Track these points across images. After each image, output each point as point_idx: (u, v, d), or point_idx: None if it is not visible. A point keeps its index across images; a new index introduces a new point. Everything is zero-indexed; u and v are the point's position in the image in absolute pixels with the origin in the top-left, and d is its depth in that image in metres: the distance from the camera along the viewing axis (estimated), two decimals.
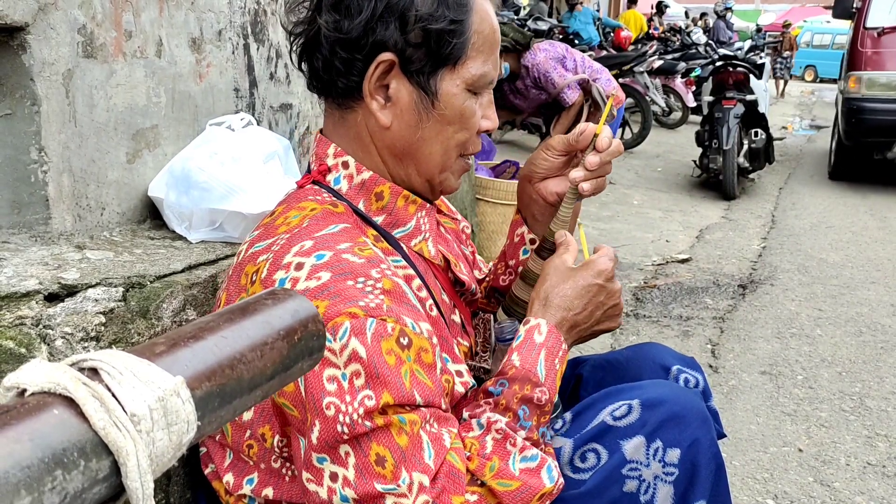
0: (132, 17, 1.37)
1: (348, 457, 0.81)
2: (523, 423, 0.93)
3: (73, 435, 0.34)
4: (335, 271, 0.84)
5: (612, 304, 1.03)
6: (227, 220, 1.37)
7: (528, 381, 0.94)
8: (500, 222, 3.45)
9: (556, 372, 0.97)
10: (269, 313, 0.48)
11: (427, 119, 0.94)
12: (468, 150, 1.00)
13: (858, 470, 2.15)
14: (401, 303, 0.86)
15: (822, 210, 5.77)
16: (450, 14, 0.90)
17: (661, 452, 0.94)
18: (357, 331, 0.81)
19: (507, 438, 0.91)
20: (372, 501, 0.81)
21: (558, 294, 1.00)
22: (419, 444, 0.83)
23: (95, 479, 0.35)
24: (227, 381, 0.43)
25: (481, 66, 0.95)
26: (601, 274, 1.02)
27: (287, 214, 0.93)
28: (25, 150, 1.20)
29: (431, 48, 0.91)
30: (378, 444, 0.81)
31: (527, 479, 0.89)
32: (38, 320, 0.96)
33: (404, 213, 0.99)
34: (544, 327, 0.98)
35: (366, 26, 0.90)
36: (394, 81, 0.93)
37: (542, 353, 0.96)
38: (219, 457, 0.96)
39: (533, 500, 0.89)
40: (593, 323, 1.03)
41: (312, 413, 0.81)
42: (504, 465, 0.89)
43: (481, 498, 0.87)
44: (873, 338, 3.16)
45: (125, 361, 0.38)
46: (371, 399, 0.81)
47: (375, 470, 0.81)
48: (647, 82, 8.36)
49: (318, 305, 0.81)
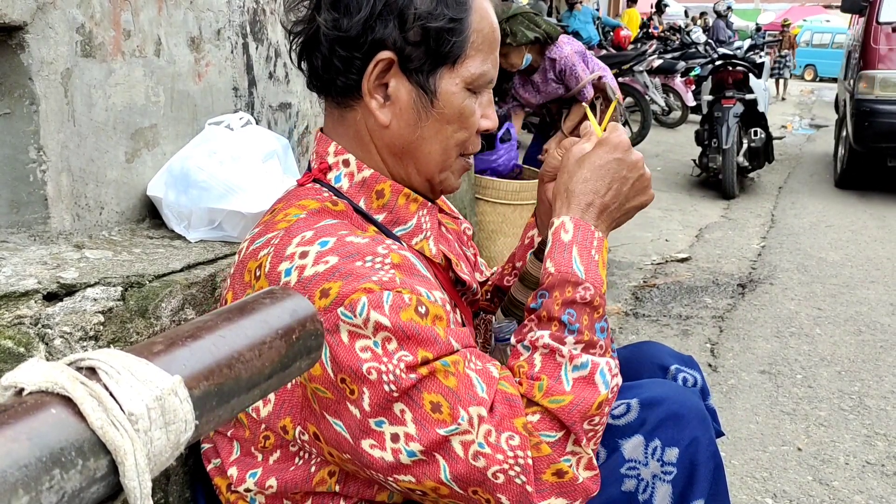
0: (131, 16, 1.37)
1: (404, 414, 0.81)
2: (571, 328, 0.89)
3: (70, 434, 0.34)
4: (342, 254, 0.84)
5: (636, 176, 0.98)
6: (226, 220, 1.37)
7: (566, 283, 0.91)
8: (499, 222, 3.45)
9: (596, 262, 0.93)
10: (268, 312, 0.48)
11: (426, 118, 0.94)
12: (468, 149, 1.00)
13: (857, 469, 2.16)
14: (411, 274, 0.86)
15: (822, 209, 5.77)
16: (449, 12, 0.90)
17: (660, 451, 0.94)
18: (375, 304, 0.80)
19: (555, 351, 0.89)
20: (438, 448, 0.81)
21: (578, 181, 0.97)
22: (468, 381, 0.83)
23: (93, 478, 0.35)
24: (225, 380, 0.43)
25: (480, 64, 0.95)
26: (617, 147, 0.98)
27: (287, 211, 0.93)
28: (24, 150, 1.20)
29: (430, 47, 0.91)
30: (429, 393, 0.81)
31: (580, 391, 0.87)
32: (36, 319, 0.96)
33: (405, 212, 0.99)
34: (569, 223, 0.95)
35: (365, 24, 0.89)
36: (393, 80, 0.93)
37: (573, 249, 0.93)
38: (226, 451, 0.96)
39: (590, 410, 0.86)
40: (623, 200, 0.98)
41: (358, 383, 0.81)
42: (553, 381, 0.87)
43: (543, 416, 0.86)
44: (872, 337, 3.16)
45: (123, 360, 0.38)
46: (408, 356, 0.81)
47: (434, 417, 0.81)
48: (647, 81, 8.37)
49: (332, 287, 0.81)
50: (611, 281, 3.86)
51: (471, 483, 0.83)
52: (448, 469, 0.82)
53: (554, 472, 0.85)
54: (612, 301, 3.57)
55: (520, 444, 0.83)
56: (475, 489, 0.83)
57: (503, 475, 0.82)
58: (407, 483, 0.84)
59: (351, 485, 0.92)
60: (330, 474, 0.92)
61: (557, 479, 0.85)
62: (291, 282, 0.84)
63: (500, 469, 0.82)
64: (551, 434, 0.85)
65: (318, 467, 0.92)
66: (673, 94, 9.41)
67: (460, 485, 0.83)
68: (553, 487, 0.85)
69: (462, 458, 0.82)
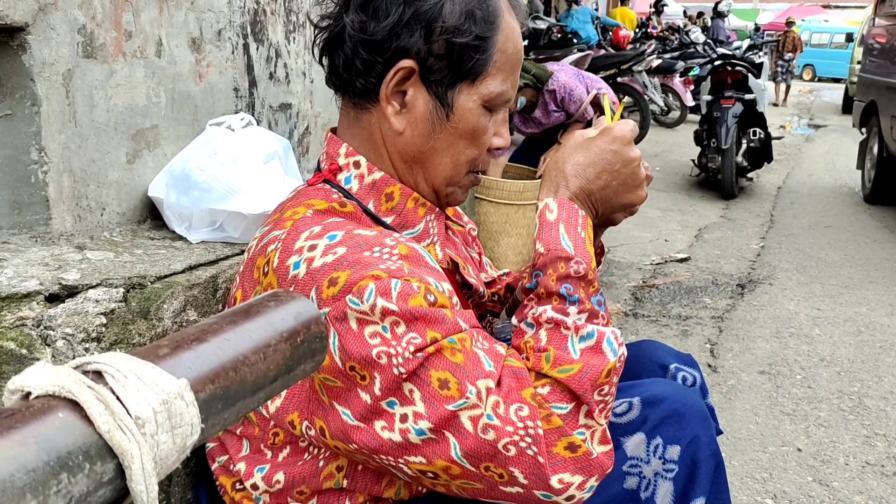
0: (132, 17, 1.37)
1: (413, 393, 0.81)
2: (571, 300, 0.89)
3: (77, 438, 0.34)
4: (350, 245, 0.84)
5: (629, 172, 0.97)
6: (228, 221, 1.37)
7: (558, 259, 0.91)
8: (503, 222, 3.45)
9: (583, 239, 0.93)
10: (272, 315, 0.48)
11: (440, 130, 0.95)
12: (478, 166, 1.00)
13: (857, 469, 2.16)
14: (419, 265, 0.86)
15: (821, 209, 5.77)
16: (476, 30, 0.90)
17: (662, 449, 0.94)
18: (382, 291, 0.80)
19: (559, 324, 0.89)
20: (447, 424, 0.81)
21: (571, 162, 0.97)
22: (476, 357, 0.83)
23: (100, 482, 0.35)
24: (230, 383, 0.43)
25: (500, 84, 0.95)
26: (616, 140, 0.97)
27: (296, 209, 0.93)
28: (25, 151, 1.20)
29: (453, 61, 0.91)
30: (437, 370, 0.81)
31: (588, 359, 0.86)
32: (38, 321, 0.96)
33: (413, 216, 1.00)
34: (553, 203, 0.95)
35: (391, 31, 0.90)
36: (411, 89, 0.93)
37: (560, 227, 0.93)
38: (234, 449, 0.96)
39: (600, 378, 0.86)
40: (610, 194, 0.97)
41: (369, 369, 0.81)
42: (560, 351, 0.87)
43: (553, 387, 0.85)
44: (872, 337, 3.16)
45: (129, 364, 0.38)
46: (417, 337, 0.81)
47: (442, 394, 0.81)
48: (646, 81, 8.37)
49: (340, 276, 0.81)
50: (610, 281, 3.86)
51: (482, 458, 0.82)
52: (458, 446, 0.81)
53: (566, 446, 0.84)
54: (612, 301, 3.57)
55: (529, 415, 0.82)
56: (487, 464, 0.82)
57: (514, 447, 0.81)
58: (418, 465, 0.83)
59: (359, 479, 0.92)
60: (338, 469, 0.92)
61: (571, 454, 0.84)
62: (300, 275, 0.84)
63: (511, 441, 0.81)
64: (562, 405, 0.85)
65: (326, 462, 0.92)
66: (672, 93, 9.42)
67: (471, 461, 0.82)
68: (567, 462, 0.84)
69: (471, 432, 0.81)
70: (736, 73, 6.27)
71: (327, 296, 0.82)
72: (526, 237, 3.36)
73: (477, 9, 0.91)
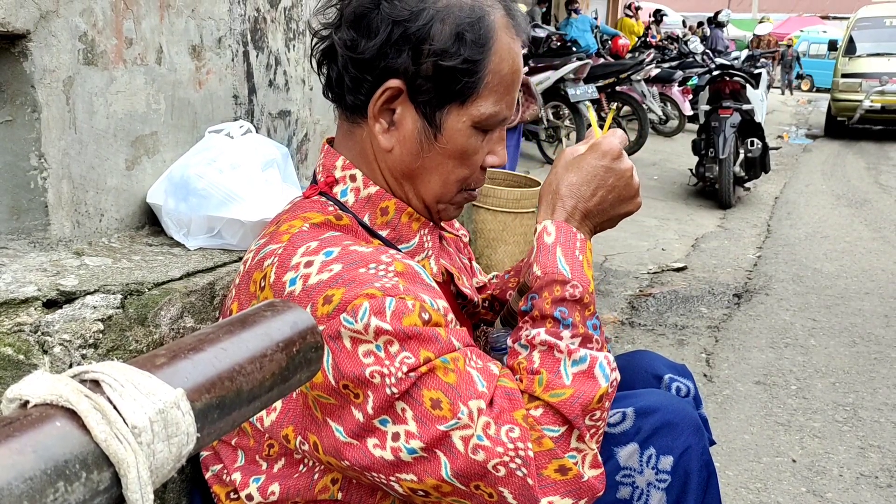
0: (133, 24, 1.38)
1: (405, 412, 0.81)
2: (565, 324, 0.90)
3: (75, 447, 0.35)
4: (346, 262, 0.85)
5: (623, 185, 0.98)
6: (226, 228, 1.37)
7: (554, 282, 0.91)
8: (500, 230, 3.46)
9: (581, 262, 0.94)
10: (269, 325, 0.49)
11: (428, 150, 0.94)
12: (471, 185, 1.00)
13: (851, 481, 2.16)
14: (415, 282, 0.86)
15: (818, 220, 5.79)
16: (465, 53, 0.90)
17: (655, 459, 0.95)
18: (376, 310, 0.81)
19: (553, 347, 0.89)
20: (438, 444, 0.81)
21: (565, 184, 0.97)
22: (469, 377, 0.83)
23: (96, 490, 0.35)
24: (226, 392, 0.44)
25: (492, 105, 0.94)
26: (606, 155, 0.97)
27: (292, 223, 0.94)
28: (25, 157, 1.20)
29: (441, 83, 0.91)
30: (429, 390, 0.81)
31: (580, 385, 0.87)
32: (36, 327, 0.97)
33: (408, 230, 1.00)
34: (551, 226, 0.96)
35: (379, 50, 0.90)
36: (400, 107, 0.93)
37: (557, 250, 0.94)
38: (229, 459, 0.96)
39: (591, 403, 0.86)
40: (607, 207, 0.98)
41: (362, 388, 0.81)
42: (552, 375, 0.87)
43: (546, 410, 0.86)
44: (867, 348, 3.17)
45: (126, 373, 0.39)
46: (410, 358, 0.81)
47: (434, 414, 0.81)
48: (644, 90, 8.40)
49: (335, 294, 0.82)
50: (606, 289, 3.87)
51: (472, 478, 0.82)
52: (449, 465, 0.82)
53: (557, 469, 0.84)
54: (608, 310, 3.58)
55: (520, 436, 0.83)
56: (477, 483, 0.83)
57: (504, 468, 0.82)
58: (409, 482, 0.84)
59: (353, 492, 0.93)
60: (333, 482, 0.92)
61: (561, 476, 0.84)
62: (296, 291, 0.84)
63: (501, 461, 0.82)
64: (554, 428, 0.85)
65: (321, 474, 0.92)
66: (670, 103, 9.44)
67: (461, 480, 0.82)
68: (557, 484, 0.84)
69: (462, 452, 0.81)
70: (734, 84, 6.30)
71: (322, 314, 0.82)
72: (523, 244, 3.37)
73: (467, 31, 0.90)
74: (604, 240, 4.79)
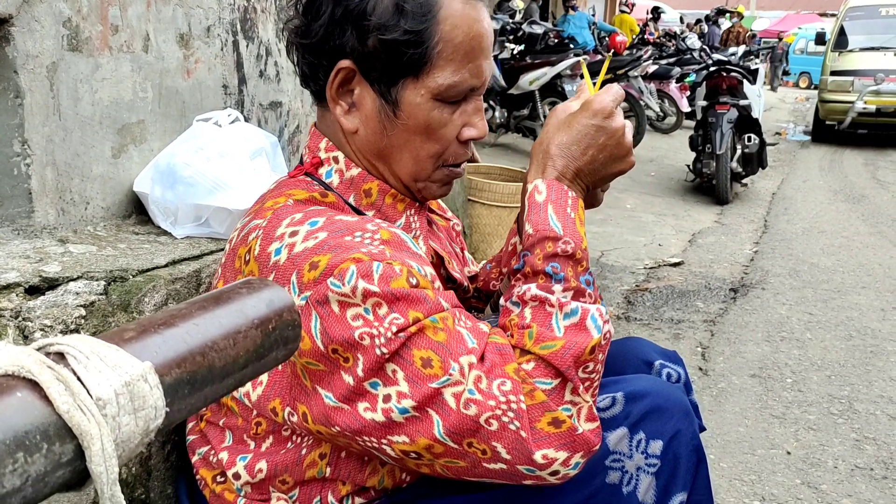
0: (119, 11, 1.36)
1: (396, 373, 0.81)
2: (557, 278, 0.89)
3: (36, 418, 0.34)
4: (331, 230, 0.84)
5: (614, 144, 0.96)
6: (213, 216, 1.36)
7: (545, 239, 0.90)
8: (495, 224, 3.46)
9: (573, 220, 0.93)
10: (243, 302, 0.48)
11: (391, 128, 0.93)
12: (448, 160, 0.97)
13: (846, 472, 2.15)
14: (401, 249, 0.85)
15: (815, 215, 5.79)
16: (405, 24, 0.87)
17: (644, 444, 0.94)
18: (363, 273, 0.80)
19: (544, 301, 0.88)
20: (430, 402, 0.80)
21: (555, 143, 0.95)
22: (458, 335, 0.83)
23: (59, 462, 0.34)
24: (197, 368, 0.43)
25: (451, 75, 0.91)
26: (597, 114, 0.95)
27: (276, 200, 0.93)
28: (8, 143, 1.19)
29: (388, 58, 0.89)
30: (419, 349, 0.81)
31: (571, 336, 0.86)
32: (17, 312, 0.96)
33: (393, 211, 0.99)
34: (542, 185, 0.94)
35: (326, 32, 0.89)
36: (358, 88, 0.92)
37: (548, 208, 0.92)
38: (217, 440, 0.96)
39: (584, 354, 0.85)
40: (598, 166, 0.96)
41: (352, 350, 0.81)
42: (543, 328, 0.86)
43: (537, 363, 0.85)
44: (863, 342, 3.17)
45: (92, 346, 0.38)
46: (399, 319, 0.80)
47: (425, 373, 0.80)
48: (642, 87, 8.40)
49: (321, 259, 0.81)
50: (603, 284, 3.86)
51: (464, 434, 0.81)
52: (441, 423, 0.81)
53: (550, 421, 0.83)
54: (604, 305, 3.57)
55: (512, 389, 0.82)
56: (469, 440, 0.82)
57: (496, 421, 0.81)
58: (401, 444, 0.82)
59: (342, 468, 0.92)
60: (321, 456, 0.91)
61: (555, 429, 0.83)
62: (281, 260, 0.84)
63: (493, 415, 0.81)
64: (546, 381, 0.84)
65: (309, 449, 0.91)
66: (668, 99, 9.44)
67: (454, 438, 0.81)
68: (550, 437, 0.83)
69: (454, 409, 0.80)
70: (731, 79, 6.29)
71: (308, 279, 0.81)
72: None
73: (405, 2, 0.88)
74: (600, 235, 4.79)
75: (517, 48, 7.36)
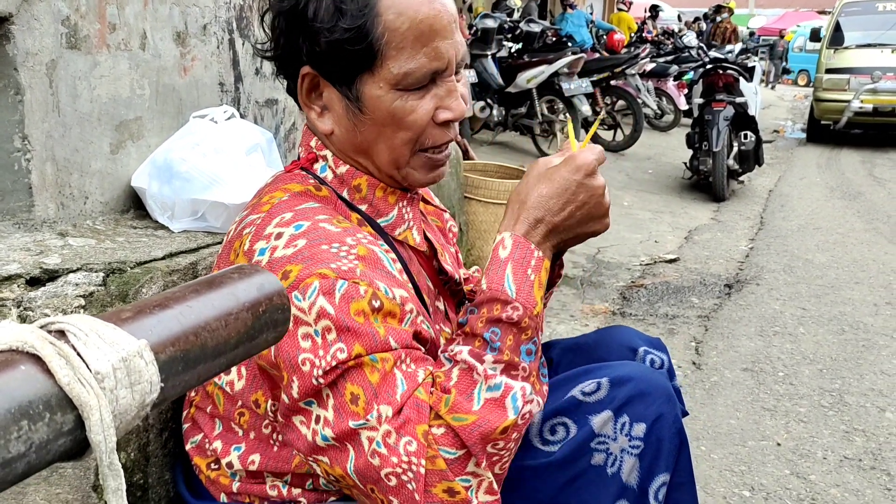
0: (116, 9, 1.39)
1: (328, 399, 0.84)
2: (492, 346, 0.89)
3: (38, 389, 0.36)
4: (311, 238, 0.87)
5: (594, 203, 0.95)
6: (209, 210, 1.39)
7: (495, 301, 0.90)
8: (492, 221, 3.48)
9: (531, 283, 0.91)
10: (235, 286, 0.50)
11: (361, 124, 0.95)
12: (425, 144, 0.97)
13: (835, 463, 2.18)
14: (375, 268, 0.87)
15: (811, 212, 5.81)
16: (344, 23, 0.88)
17: (628, 427, 0.96)
18: (325, 290, 0.83)
19: (472, 369, 0.88)
20: (347, 438, 0.84)
21: (534, 194, 0.94)
22: (392, 380, 0.84)
23: (60, 431, 0.37)
24: (190, 347, 0.45)
25: (405, 63, 0.90)
26: (580, 169, 0.94)
27: (273, 194, 0.96)
28: (9, 139, 1.21)
29: (339, 57, 0.91)
30: (352, 384, 0.83)
31: (486, 413, 0.85)
32: (18, 302, 0.98)
33: (385, 204, 1.01)
34: (508, 240, 0.93)
35: (286, 43, 0.93)
36: (325, 91, 0.96)
37: (507, 267, 0.91)
38: (208, 427, 0.99)
39: (493, 433, 0.85)
40: (574, 224, 0.95)
41: (289, 371, 0.84)
42: (461, 397, 0.86)
43: (447, 432, 0.85)
44: (855, 336, 3.20)
45: (91, 324, 0.40)
46: (343, 352, 0.83)
47: (350, 408, 0.83)
48: (639, 84, 8.42)
49: (292, 270, 0.84)
50: (598, 281, 3.89)
51: (368, 480, 0.84)
52: (353, 460, 0.84)
53: (445, 489, 0.84)
54: (600, 301, 3.60)
55: (416, 451, 0.83)
56: (372, 487, 0.85)
57: (395, 478, 0.83)
58: (325, 466, 0.87)
59: None
60: None
61: (448, 497, 0.84)
62: (263, 262, 0.87)
63: (393, 472, 0.83)
64: (451, 451, 0.85)
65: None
66: (665, 97, 9.46)
67: (360, 479, 0.85)
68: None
69: (364, 452, 0.84)
70: (727, 77, 6.31)
71: None
72: None
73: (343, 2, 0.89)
74: None
75: (515, 46, 7.38)
